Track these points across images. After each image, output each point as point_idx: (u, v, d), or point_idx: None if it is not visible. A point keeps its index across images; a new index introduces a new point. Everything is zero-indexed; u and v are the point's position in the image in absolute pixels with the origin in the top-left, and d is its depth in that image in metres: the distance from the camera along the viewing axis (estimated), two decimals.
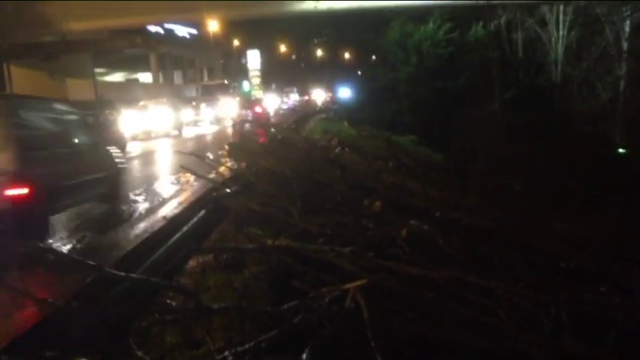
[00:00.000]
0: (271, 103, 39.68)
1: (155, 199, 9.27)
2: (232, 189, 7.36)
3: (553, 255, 5.07)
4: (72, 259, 3.52)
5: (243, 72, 52.79)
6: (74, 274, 4.70)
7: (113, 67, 43.06)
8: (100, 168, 8.24)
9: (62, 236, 6.91)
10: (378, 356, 3.31)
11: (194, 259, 5.66)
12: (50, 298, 3.52)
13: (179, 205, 8.36)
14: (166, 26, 43.98)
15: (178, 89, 41.98)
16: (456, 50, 30.25)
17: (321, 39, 74.28)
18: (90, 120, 11.73)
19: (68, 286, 5.06)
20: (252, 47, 52.80)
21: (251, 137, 10.37)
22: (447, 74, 28.72)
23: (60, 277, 5.35)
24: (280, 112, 38.27)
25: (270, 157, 7.79)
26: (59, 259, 3.58)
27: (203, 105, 29.22)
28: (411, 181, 6.98)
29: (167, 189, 10.22)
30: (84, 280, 3.79)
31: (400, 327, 3.82)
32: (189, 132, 23.83)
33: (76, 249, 6.28)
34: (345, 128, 19.69)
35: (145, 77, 45.04)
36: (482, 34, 29.37)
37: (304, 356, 3.50)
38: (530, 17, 29.44)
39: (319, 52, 74.50)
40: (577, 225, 5.93)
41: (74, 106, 8.90)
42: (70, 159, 7.34)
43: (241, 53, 57.41)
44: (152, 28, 41.15)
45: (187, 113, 26.44)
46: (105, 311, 3.63)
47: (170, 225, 6.14)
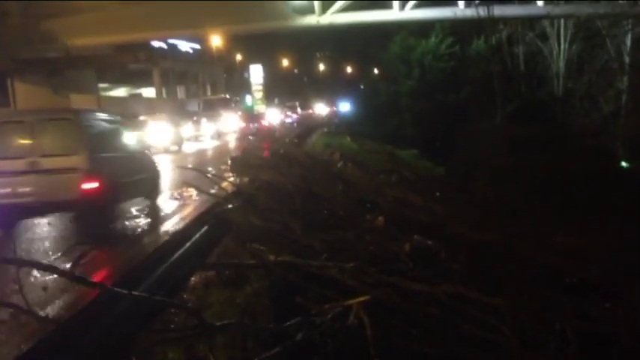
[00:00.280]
0: (274, 117, 39.78)
1: (157, 215, 9.50)
2: (234, 204, 7.35)
3: (557, 269, 5.04)
4: (75, 277, 3.52)
5: (245, 86, 52.96)
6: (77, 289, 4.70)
7: (116, 83, 43.34)
8: (145, 170, 9.92)
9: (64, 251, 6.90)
10: None
11: (197, 275, 5.65)
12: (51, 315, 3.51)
13: (181, 221, 8.54)
14: (170, 41, 44.23)
15: (181, 104, 42.11)
16: (458, 64, 30.43)
17: (324, 53, 74.66)
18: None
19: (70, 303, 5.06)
20: (254, 62, 52.94)
21: (255, 151, 10.41)
22: (449, 88, 28.84)
23: (62, 293, 5.38)
24: (284, 126, 38.41)
25: (272, 172, 7.78)
26: (62, 276, 3.58)
27: (204, 120, 29.19)
28: (413, 195, 6.95)
29: (168, 205, 10.35)
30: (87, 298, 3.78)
31: (403, 343, 3.79)
32: (189, 147, 23.80)
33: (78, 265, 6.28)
34: (347, 142, 19.73)
35: (149, 92, 45.17)
36: (483, 48, 29.52)
37: None
38: (531, 31, 29.58)
39: (322, 66, 74.84)
40: (580, 239, 5.91)
41: None
42: (126, 161, 9.01)
43: (244, 68, 57.66)
44: (155, 44, 41.34)
45: (188, 128, 26.44)
46: (107, 328, 3.62)
47: (172, 240, 6.16)
